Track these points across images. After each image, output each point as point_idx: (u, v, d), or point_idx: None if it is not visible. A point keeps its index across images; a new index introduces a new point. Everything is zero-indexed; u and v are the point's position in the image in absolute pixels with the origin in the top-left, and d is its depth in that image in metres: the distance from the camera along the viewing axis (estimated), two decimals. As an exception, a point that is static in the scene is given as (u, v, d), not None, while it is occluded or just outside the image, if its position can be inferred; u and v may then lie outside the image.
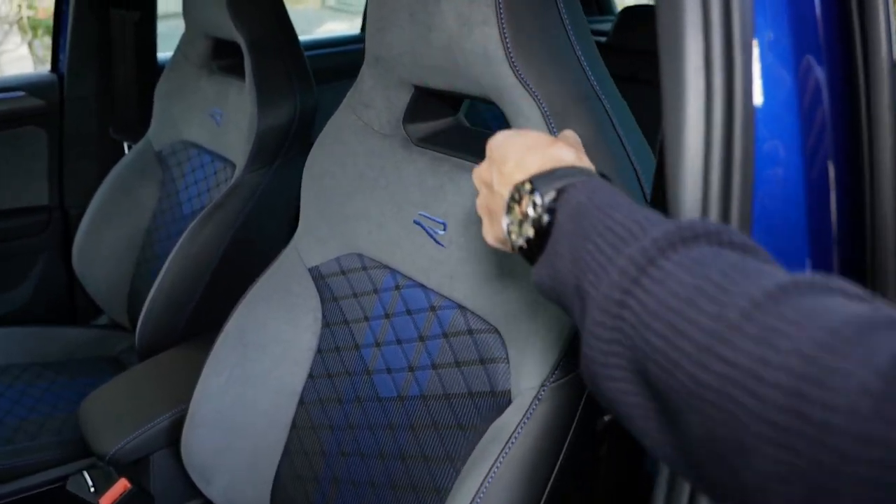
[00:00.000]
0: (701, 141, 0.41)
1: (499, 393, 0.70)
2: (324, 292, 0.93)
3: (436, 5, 0.68)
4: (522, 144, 0.49)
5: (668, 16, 0.42)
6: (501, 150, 0.50)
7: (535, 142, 0.49)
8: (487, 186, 0.51)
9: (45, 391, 1.36)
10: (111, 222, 1.49)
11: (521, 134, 0.51)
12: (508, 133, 0.52)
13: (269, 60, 1.23)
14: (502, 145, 0.50)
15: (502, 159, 0.49)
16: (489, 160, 0.51)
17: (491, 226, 0.52)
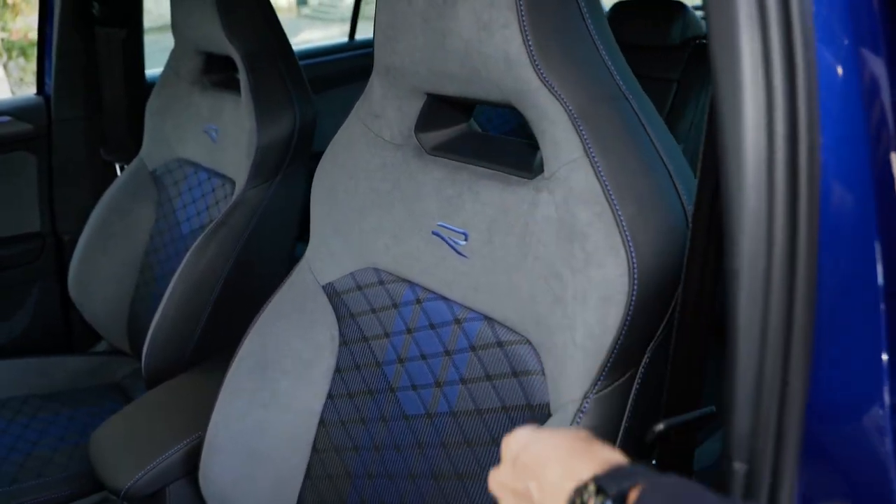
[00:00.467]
0: (764, 146, 0.39)
1: (536, 406, 0.68)
2: (339, 309, 0.90)
3: (451, 10, 0.66)
4: (562, 448, 0.46)
5: (720, 15, 0.40)
6: (535, 455, 0.47)
7: (574, 444, 0.46)
8: (516, 495, 0.48)
9: (48, 424, 1.33)
10: (107, 246, 1.45)
11: (552, 435, 0.48)
12: (533, 435, 0.49)
13: (265, 73, 1.20)
14: (533, 449, 0.47)
15: (539, 465, 0.46)
16: (514, 466, 0.48)
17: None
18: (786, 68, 0.39)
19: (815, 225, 0.39)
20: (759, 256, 0.39)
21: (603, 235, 0.60)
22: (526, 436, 0.49)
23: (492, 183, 0.73)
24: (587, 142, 0.62)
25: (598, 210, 0.60)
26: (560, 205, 0.64)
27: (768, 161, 0.39)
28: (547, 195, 0.67)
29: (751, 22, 0.39)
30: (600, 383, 0.61)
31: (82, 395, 1.43)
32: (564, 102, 0.62)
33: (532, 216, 0.68)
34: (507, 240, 0.71)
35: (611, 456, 0.45)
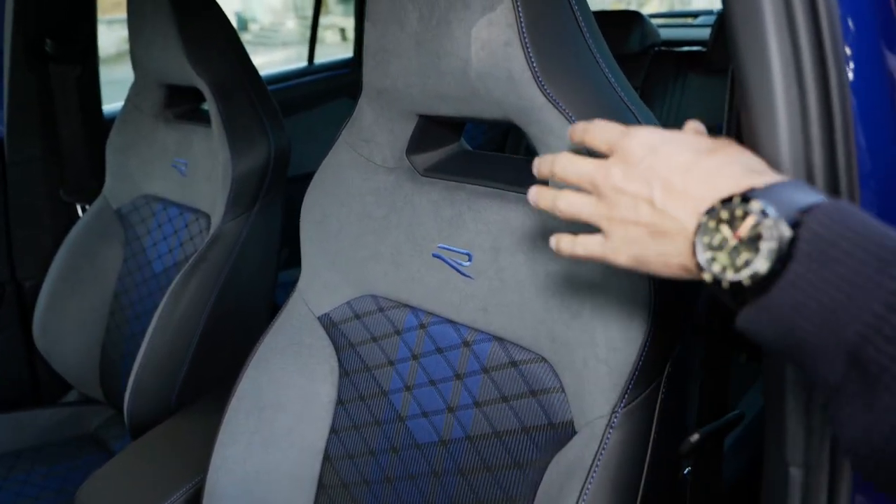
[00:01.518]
0: (801, 153, 0.39)
1: (558, 424, 0.67)
2: (338, 340, 0.88)
3: (446, 30, 0.65)
4: (692, 148, 0.41)
5: (745, 23, 0.40)
6: (668, 157, 0.41)
7: (709, 145, 0.41)
8: (618, 192, 0.43)
9: (23, 483, 1.25)
10: (74, 291, 1.39)
11: (677, 135, 0.43)
12: (654, 133, 0.44)
13: (236, 102, 1.17)
14: (666, 150, 0.42)
15: (673, 169, 0.40)
16: (634, 167, 0.43)
17: (629, 242, 0.43)
18: (818, 72, 0.39)
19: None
20: None
21: (620, 248, 0.60)
22: (655, 137, 0.43)
23: (492, 201, 0.73)
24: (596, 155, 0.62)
25: (612, 223, 0.60)
26: (571, 220, 0.64)
27: (807, 167, 0.40)
28: (554, 211, 0.66)
29: (779, 25, 0.40)
30: (627, 396, 0.61)
31: (57, 450, 1.35)
32: (570, 117, 0.62)
33: (539, 232, 0.68)
34: (514, 258, 0.70)
35: (758, 166, 0.38)
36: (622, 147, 0.44)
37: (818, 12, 0.39)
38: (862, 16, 0.41)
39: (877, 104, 0.41)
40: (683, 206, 0.40)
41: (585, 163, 0.46)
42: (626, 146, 0.44)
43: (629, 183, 0.43)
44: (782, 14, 0.39)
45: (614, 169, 0.44)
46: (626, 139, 0.45)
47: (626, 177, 0.43)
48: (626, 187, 0.43)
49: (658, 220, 0.41)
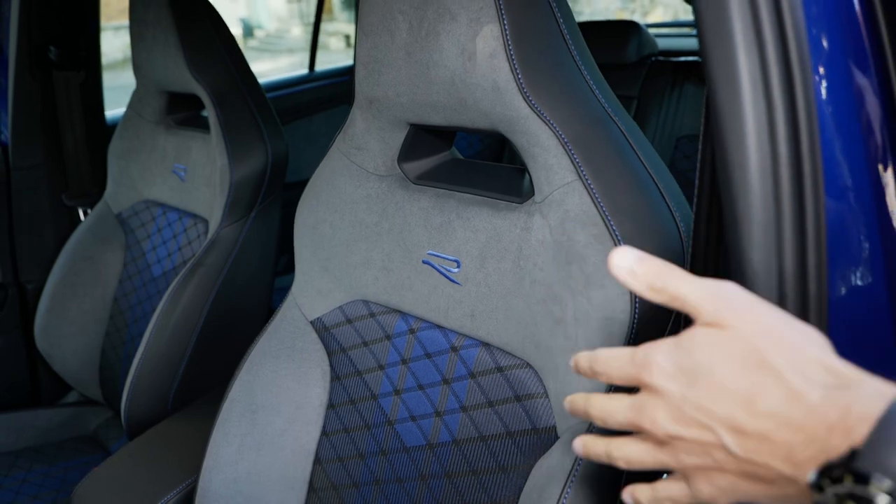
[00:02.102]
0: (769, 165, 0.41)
1: (542, 430, 0.68)
2: (329, 344, 0.89)
3: (435, 42, 0.67)
4: (734, 363, 0.33)
5: (717, 40, 0.42)
6: (697, 383, 0.33)
7: (748, 349, 0.32)
8: (675, 438, 0.35)
9: (22, 482, 1.27)
10: (75, 294, 1.41)
11: (700, 343, 0.34)
12: (672, 353, 0.35)
13: (235, 109, 1.19)
14: (689, 374, 0.34)
15: (714, 398, 0.33)
16: (662, 400, 0.35)
17: (723, 490, 0.35)
18: (784, 86, 0.41)
19: (822, 237, 0.41)
20: (770, 272, 0.41)
21: (602, 256, 0.61)
22: (677, 358, 0.35)
23: (481, 209, 0.74)
24: (580, 165, 0.63)
25: (595, 232, 0.61)
26: (555, 228, 0.65)
27: (774, 177, 0.41)
28: (540, 219, 0.67)
29: (748, 43, 0.41)
30: (608, 402, 0.62)
31: (56, 450, 1.37)
32: (555, 128, 0.64)
33: (526, 240, 0.69)
34: (500, 265, 0.71)
35: (875, 390, 0.30)
36: (647, 384, 0.36)
37: (785, 31, 0.41)
38: (828, 34, 0.42)
39: (843, 120, 0.42)
40: (771, 453, 0.32)
41: (620, 406, 0.38)
42: (652, 382, 0.36)
43: (683, 428, 0.35)
44: (751, 33, 0.41)
45: (656, 413, 0.36)
46: (645, 373, 0.36)
47: (675, 420, 0.35)
48: (682, 433, 0.35)
49: (747, 468, 0.33)
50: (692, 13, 0.43)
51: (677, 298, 0.37)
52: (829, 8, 0.42)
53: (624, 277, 0.39)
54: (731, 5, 0.41)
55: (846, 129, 0.42)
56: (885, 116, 0.44)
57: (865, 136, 0.43)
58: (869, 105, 0.44)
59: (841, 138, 0.42)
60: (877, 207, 0.43)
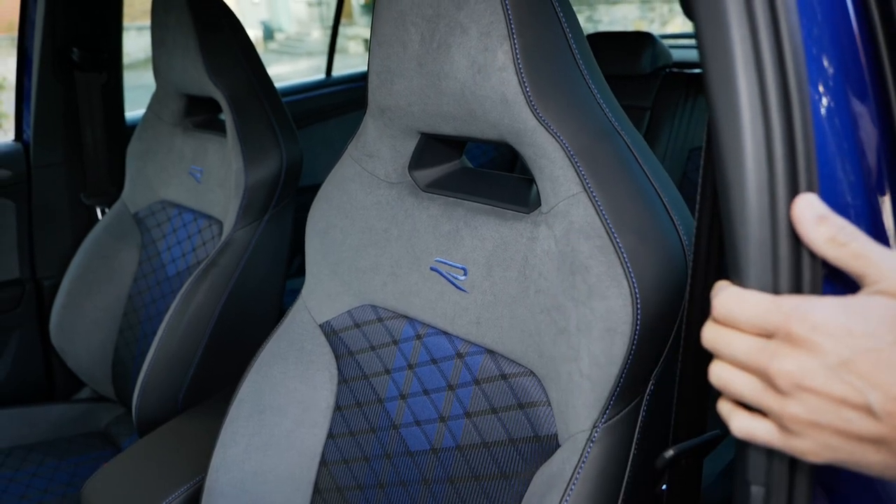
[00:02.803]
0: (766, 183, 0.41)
1: (543, 437, 0.69)
2: (338, 348, 0.90)
3: (446, 54, 0.68)
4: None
5: (716, 59, 0.42)
6: (858, 344, 0.33)
7: None
8: (803, 390, 0.35)
9: (32, 476, 1.29)
10: (90, 291, 1.43)
11: (870, 308, 0.34)
12: (835, 307, 0.35)
13: (251, 114, 1.21)
14: (851, 332, 0.34)
15: (877, 362, 0.33)
16: (803, 350, 0.35)
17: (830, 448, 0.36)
18: (782, 106, 0.41)
19: (818, 257, 0.41)
20: (765, 289, 0.41)
21: (605, 267, 0.62)
22: (840, 315, 0.34)
23: (489, 218, 0.75)
24: (585, 177, 0.64)
25: (598, 243, 0.62)
26: (560, 239, 0.66)
27: (770, 195, 0.42)
28: (546, 229, 0.68)
29: (747, 63, 0.42)
30: (608, 412, 0.63)
31: (68, 445, 1.39)
32: (561, 140, 0.65)
33: (531, 250, 0.70)
34: (506, 274, 0.72)
35: None
36: (795, 335, 0.36)
37: (784, 52, 0.41)
38: (827, 54, 0.43)
39: (841, 141, 0.43)
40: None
41: (747, 344, 0.38)
42: (803, 334, 0.35)
43: (822, 382, 0.34)
44: (750, 53, 0.42)
45: (790, 363, 0.35)
46: (796, 324, 0.36)
47: (813, 373, 0.35)
48: (816, 387, 0.35)
49: (879, 431, 0.34)
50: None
51: (861, 257, 0.36)
52: (828, 29, 0.43)
53: (808, 226, 0.38)
54: (731, 25, 0.42)
55: (843, 150, 0.43)
56: (883, 138, 0.45)
57: (862, 157, 0.43)
58: (866, 126, 0.44)
59: (838, 159, 0.42)
60: (873, 228, 0.43)
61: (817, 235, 0.38)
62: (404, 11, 0.71)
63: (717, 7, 0.41)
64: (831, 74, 0.43)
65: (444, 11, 0.67)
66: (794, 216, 0.39)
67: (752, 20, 0.42)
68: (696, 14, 0.43)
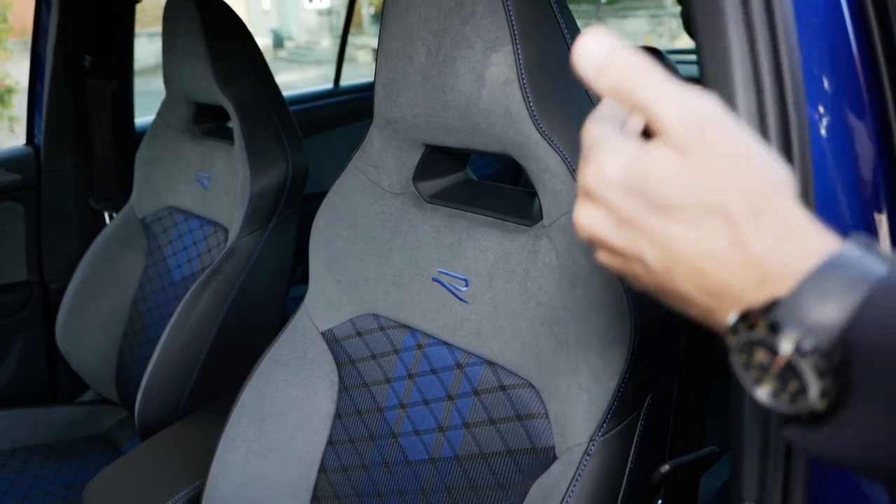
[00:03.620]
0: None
1: (541, 449, 0.69)
2: (339, 356, 0.91)
3: (451, 67, 0.69)
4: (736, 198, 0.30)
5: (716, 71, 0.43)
6: (665, 196, 0.31)
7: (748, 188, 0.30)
8: (619, 256, 0.34)
9: (34, 478, 1.30)
10: (96, 294, 1.44)
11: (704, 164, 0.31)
12: (669, 169, 0.31)
13: (257, 122, 1.23)
14: (665, 189, 0.31)
15: (666, 227, 0.31)
16: (630, 193, 0.32)
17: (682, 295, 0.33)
18: (780, 124, 0.42)
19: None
20: None
21: (605, 282, 0.62)
22: (662, 165, 0.31)
23: (491, 230, 0.76)
24: (585, 192, 0.65)
25: (598, 257, 0.63)
26: (561, 252, 0.67)
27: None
28: (547, 242, 0.69)
29: (746, 84, 0.42)
30: (605, 426, 0.63)
31: (70, 448, 1.40)
32: (564, 155, 0.65)
33: (533, 262, 0.71)
34: (507, 286, 0.73)
35: (818, 246, 0.29)
36: (590, 189, 0.34)
37: (782, 72, 0.42)
38: (827, 75, 0.43)
39: (838, 161, 0.43)
40: (698, 286, 0.32)
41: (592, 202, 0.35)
42: (590, 188, 0.34)
43: (609, 234, 0.34)
44: (750, 78, 0.42)
45: (586, 214, 0.35)
46: (589, 176, 0.34)
47: (602, 225, 0.34)
48: (604, 238, 0.34)
49: (659, 282, 0.33)
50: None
51: (644, 110, 0.32)
52: (828, 48, 0.43)
53: (588, 75, 0.34)
54: (732, 46, 0.42)
55: (840, 168, 0.43)
56: (881, 156, 0.45)
57: (859, 174, 0.44)
58: (864, 144, 0.45)
59: (835, 177, 0.43)
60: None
61: (600, 87, 0.34)
62: (411, 25, 0.72)
63: (718, 28, 0.42)
64: (830, 94, 0.43)
65: (451, 26, 0.68)
66: (574, 64, 0.35)
67: (752, 41, 0.42)
68: (698, 34, 0.44)
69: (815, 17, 0.45)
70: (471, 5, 0.66)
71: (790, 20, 0.42)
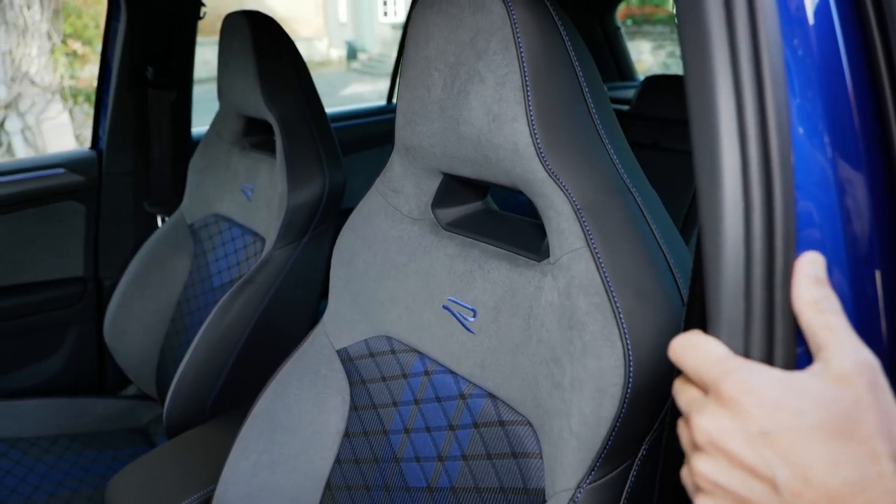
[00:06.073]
0: (742, 255, 0.40)
1: (532, 490, 0.68)
2: (352, 375, 0.92)
3: (465, 101, 0.70)
4: (831, 427, 0.33)
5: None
6: (783, 422, 0.33)
7: (848, 421, 0.33)
8: (717, 448, 0.35)
9: (72, 465, 1.36)
10: (143, 294, 1.51)
11: (806, 391, 0.34)
12: (772, 381, 0.35)
13: (299, 139, 1.26)
14: (780, 407, 0.34)
15: (795, 441, 0.33)
16: (727, 410, 0.35)
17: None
18: (763, 173, 0.41)
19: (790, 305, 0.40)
20: (736, 335, 0.40)
21: (600, 326, 0.61)
22: (774, 390, 0.34)
23: (501, 263, 0.76)
24: (589, 233, 0.64)
25: (596, 301, 0.62)
26: (562, 292, 0.66)
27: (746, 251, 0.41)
28: (551, 280, 0.68)
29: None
30: (594, 473, 0.61)
31: (108, 438, 1.47)
32: (569, 194, 0.65)
33: (537, 299, 0.70)
34: (512, 320, 0.72)
35: None
36: (722, 392, 0.36)
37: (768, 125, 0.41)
38: (814, 123, 0.42)
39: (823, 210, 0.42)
40: (815, 502, 0.32)
41: (684, 390, 0.39)
42: (729, 393, 0.35)
43: (736, 446, 0.34)
44: (734, 131, 0.41)
45: (707, 416, 0.36)
46: (728, 382, 0.36)
47: (730, 436, 0.35)
48: (730, 449, 0.35)
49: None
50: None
51: (831, 332, 0.36)
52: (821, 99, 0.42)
53: (802, 281, 0.39)
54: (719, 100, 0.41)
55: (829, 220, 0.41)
56: (878, 210, 0.43)
57: (850, 228, 0.42)
58: (859, 197, 0.43)
59: (824, 228, 0.41)
60: (853, 304, 0.41)
61: (805, 293, 0.38)
62: (430, 57, 0.73)
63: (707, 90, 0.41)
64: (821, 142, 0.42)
65: (465, 60, 0.69)
66: (795, 268, 0.39)
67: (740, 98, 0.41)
68: (688, 95, 0.43)
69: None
70: (484, 41, 0.66)
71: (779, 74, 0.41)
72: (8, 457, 1.34)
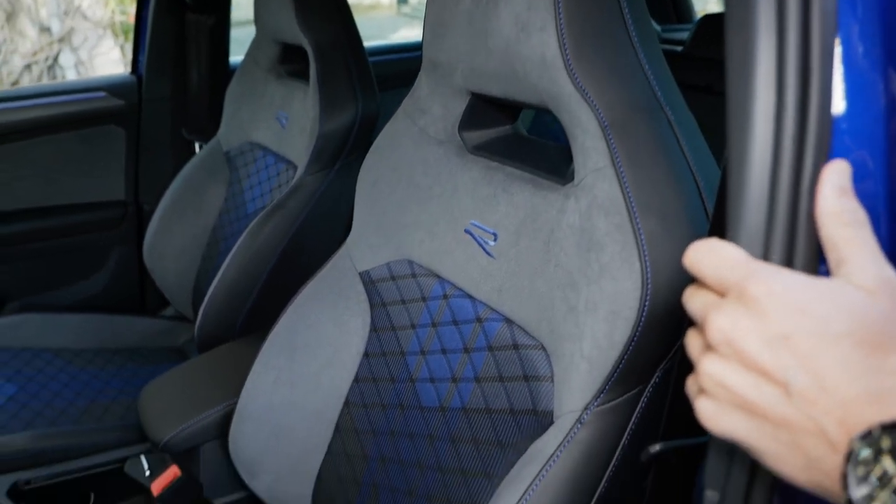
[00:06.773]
0: (769, 161, 0.38)
1: (541, 412, 0.68)
2: (373, 297, 0.93)
3: (494, 10, 0.67)
4: (857, 328, 0.31)
5: (738, 20, 0.39)
6: (805, 328, 0.32)
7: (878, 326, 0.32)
8: (733, 349, 0.33)
9: (113, 376, 1.43)
10: (181, 219, 1.54)
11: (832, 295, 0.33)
12: (796, 284, 0.33)
13: (333, 65, 1.25)
14: (804, 311, 0.32)
15: (817, 345, 0.31)
16: (749, 312, 0.33)
17: (734, 421, 0.34)
18: (800, 80, 0.38)
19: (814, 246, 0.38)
20: (756, 244, 0.38)
21: (619, 247, 0.59)
22: (798, 292, 0.33)
23: (525, 186, 0.74)
24: (615, 151, 0.61)
25: (617, 221, 0.60)
26: (583, 213, 0.64)
27: (771, 179, 0.38)
28: (573, 202, 0.66)
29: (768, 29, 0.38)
30: (602, 396, 0.60)
31: (147, 354, 1.53)
32: (597, 110, 0.62)
33: (558, 223, 0.68)
34: (532, 244, 0.71)
35: None
36: (747, 292, 0.34)
37: (811, 16, 0.37)
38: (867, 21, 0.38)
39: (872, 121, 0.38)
40: (828, 409, 0.31)
41: (699, 295, 0.37)
42: (755, 293, 0.33)
43: (752, 346, 0.33)
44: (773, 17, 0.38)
45: (725, 315, 0.34)
46: (752, 283, 0.34)
47: (747, 335, 0.33)
48: (745, 350, 0.33)
49: (788, 415, 0.32)
50: None
51: (853, 245, 0.35)
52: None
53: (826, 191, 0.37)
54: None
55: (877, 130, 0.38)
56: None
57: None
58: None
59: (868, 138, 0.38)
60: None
61: (828, 204, 0.36)
62: (459, -35, 0.70)
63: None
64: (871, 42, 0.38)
65: (495, -33, 0.66)
66: (821, 176, 0.37)
67: None
68: None
69: None
70: (515, -56, 0.63)
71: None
72: (53, 364, 1.41)
